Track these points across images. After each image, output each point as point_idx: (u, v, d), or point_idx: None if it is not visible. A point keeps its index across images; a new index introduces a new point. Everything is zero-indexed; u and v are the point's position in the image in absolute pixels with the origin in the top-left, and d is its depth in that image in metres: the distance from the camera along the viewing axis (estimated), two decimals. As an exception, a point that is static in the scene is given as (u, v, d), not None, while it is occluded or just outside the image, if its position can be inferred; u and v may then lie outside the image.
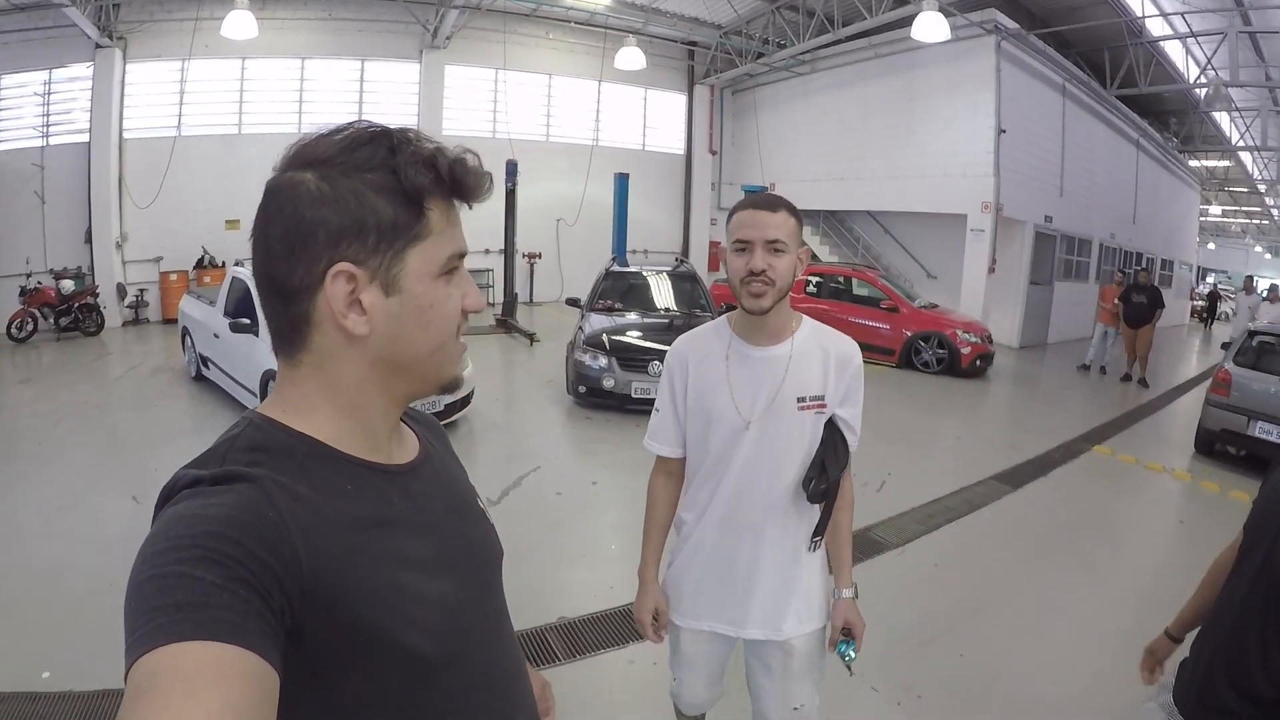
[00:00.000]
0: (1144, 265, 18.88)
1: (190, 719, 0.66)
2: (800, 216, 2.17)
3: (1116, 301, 13.55)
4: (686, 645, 2.49)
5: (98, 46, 14.59)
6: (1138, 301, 13.17)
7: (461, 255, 1.04)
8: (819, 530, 2.29)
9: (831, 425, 2.23)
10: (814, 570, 2.35)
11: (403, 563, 0.99)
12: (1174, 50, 17.78)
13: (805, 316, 2.31)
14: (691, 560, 2.39)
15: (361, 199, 0.94)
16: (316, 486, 0.93)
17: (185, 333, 10.53)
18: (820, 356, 2.21)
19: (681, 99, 22.30)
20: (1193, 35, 16.09)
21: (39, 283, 13.55)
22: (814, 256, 20.13)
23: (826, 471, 2.20)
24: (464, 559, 1.12)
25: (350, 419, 1.01)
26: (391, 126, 0.99)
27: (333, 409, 1.00)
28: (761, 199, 2.15)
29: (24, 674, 3.76)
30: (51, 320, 13.42)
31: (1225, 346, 9.94)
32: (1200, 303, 32.77)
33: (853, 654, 2.32)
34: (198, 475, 0.88)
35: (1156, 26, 16.83)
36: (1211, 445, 8.70)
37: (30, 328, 13.06)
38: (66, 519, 5.73)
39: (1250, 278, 20.84)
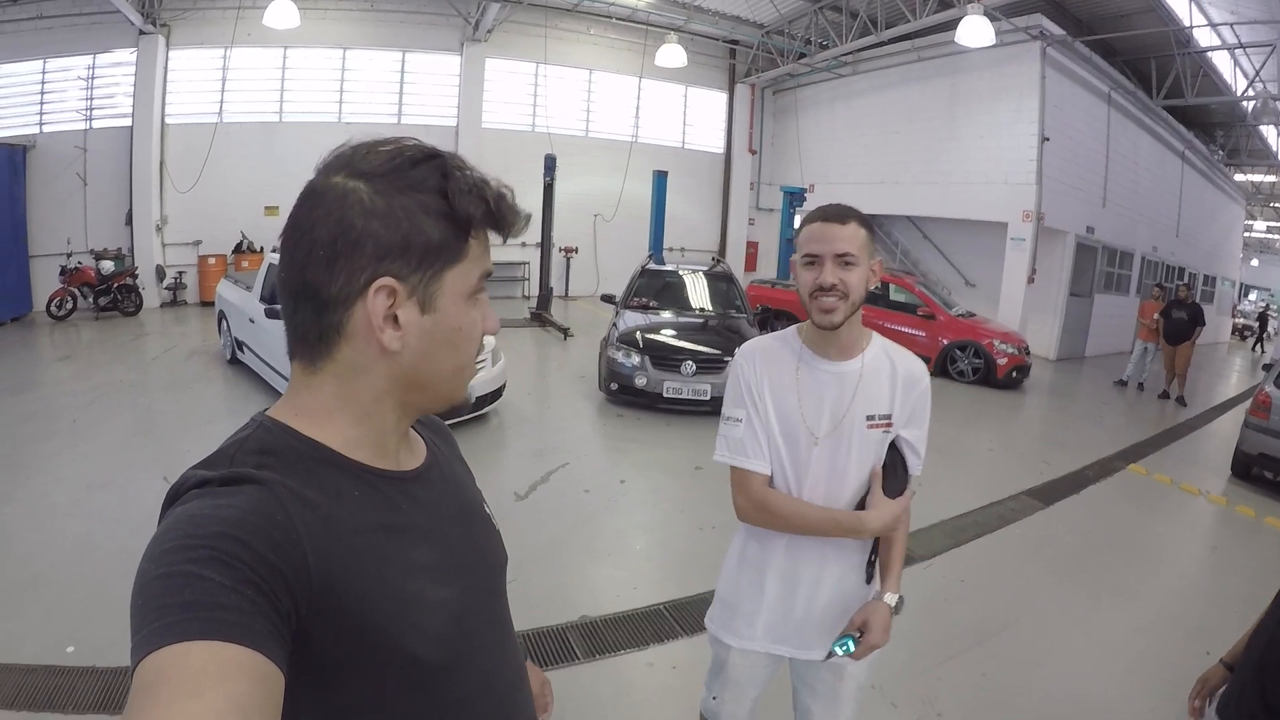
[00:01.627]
0: (1185, 281, 18.54)
1: (196, 717, 0.66)
2: (872, 227, 2.12)
3: (1156, 317, 13.30)
4: (735, 667, 2.42)
5: (141, 33, 14.80)
6: (1178, 318, 12.90)
7: (488, 275, 1.05)
8: (872, 559, 2.24)
9: (893, 449, 2.17)
10: (868, 580, 2.27)
11: (409, 569, 0.99)
12: (1222, 61, 17.49)
13: (875, 333, 2.23)
14: (753, 579, 2.31)
15: (412, 218, 0.94)
16: (324, 492, 0.93)
17: (221, 316, 10.64)
18: (889, 374, 2.15)
19: (722, 97, 22.22)
20: (1241, 46, 15.79)
21: (79, 263, 13.78)
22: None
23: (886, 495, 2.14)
24: (469, 565, 1.12)
25: (362, 427, 1.01)
26: (441, 150, 1.00)
27: (347, 418, 1.00)
28: (831, 210, 2.10)
29: (49, 648, 3.82)
30: (91, 299, 13.65)
31: (1267, 368, 9.74)
32: (1242, 320, 32.23)
33: (843, 652, 2.06)
34: (206, 476, 0.88)
35: (1204, 37, 16.51)
36: (1249, 469, 8.51)
37: (70, 306, 13.32)
38: (97, 497, 5.80)
39: None
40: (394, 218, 0.93)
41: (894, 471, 2.16)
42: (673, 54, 17.61)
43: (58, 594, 4.38)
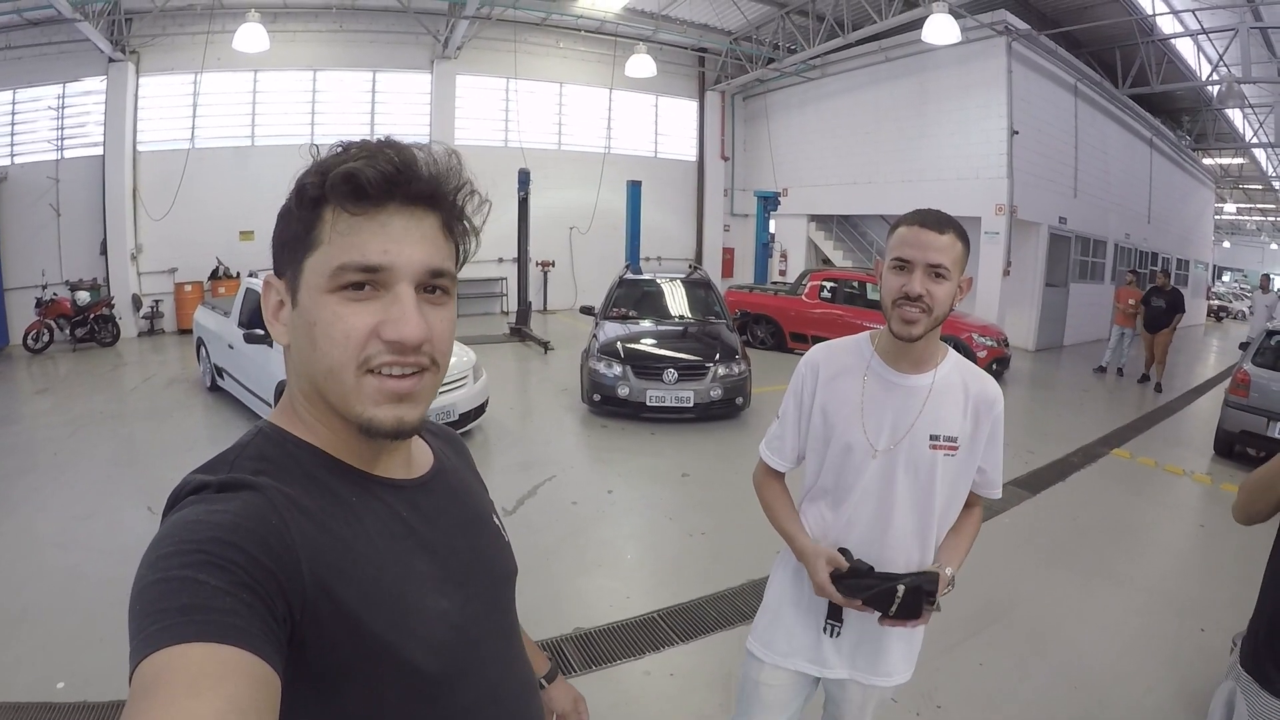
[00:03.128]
0: (1161, 268, 18.60)
1: (196, 715, 0.67)
2: (968, 240, 1.99)
3: (1133, 304, 13.43)
4: (768, 686, 2.30)
5: (111, 60, 14.71)
6: (1157, 305, 12.97)
7: (364, 268, 0.91)
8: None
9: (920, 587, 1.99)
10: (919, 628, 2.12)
11: (408, 577, 0.98)
12: (1185, 48, 17.72)
13: (950, 348, 2.12)
14: (799, 591, 2.24)
15: (288, 212, 0.96)
16: (322, 498, 0.94)
17: (200, 343, 10.56)
18: (961, 394, 2.04)
19: (693, 105, 22.31)
20: (1204, 32, 16.02)
21: (55, 294, 13.64)
22: (826, 261, 20.11)
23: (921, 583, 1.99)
24: (475, 575, 1.11)
25: (330, 430, 1.00)
26: (361, 139, 0.95)
27: (314, 419, 1.00)
28: (930, 216, 1.97)
29: (39, 684, 3.77)
30: (68, 331, 13.51)
31: (1244, 347, 9.84)
32: (1217, 302, 32.61)
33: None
34: (204, 481, 0.90)
35: (1168, 24, 16.76)
36: (1231, 447, 8.62)
37: (46, 339, 13.19)
38: (82, 529, 5.74)
39: (1266, 276, 20.68)
40: (284, 215, 0.97)
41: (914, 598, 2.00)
42: (642, 64, 17.70)
43: (47, 627, 4.34)
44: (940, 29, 13.49)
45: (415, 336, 0.93)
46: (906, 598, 1.95)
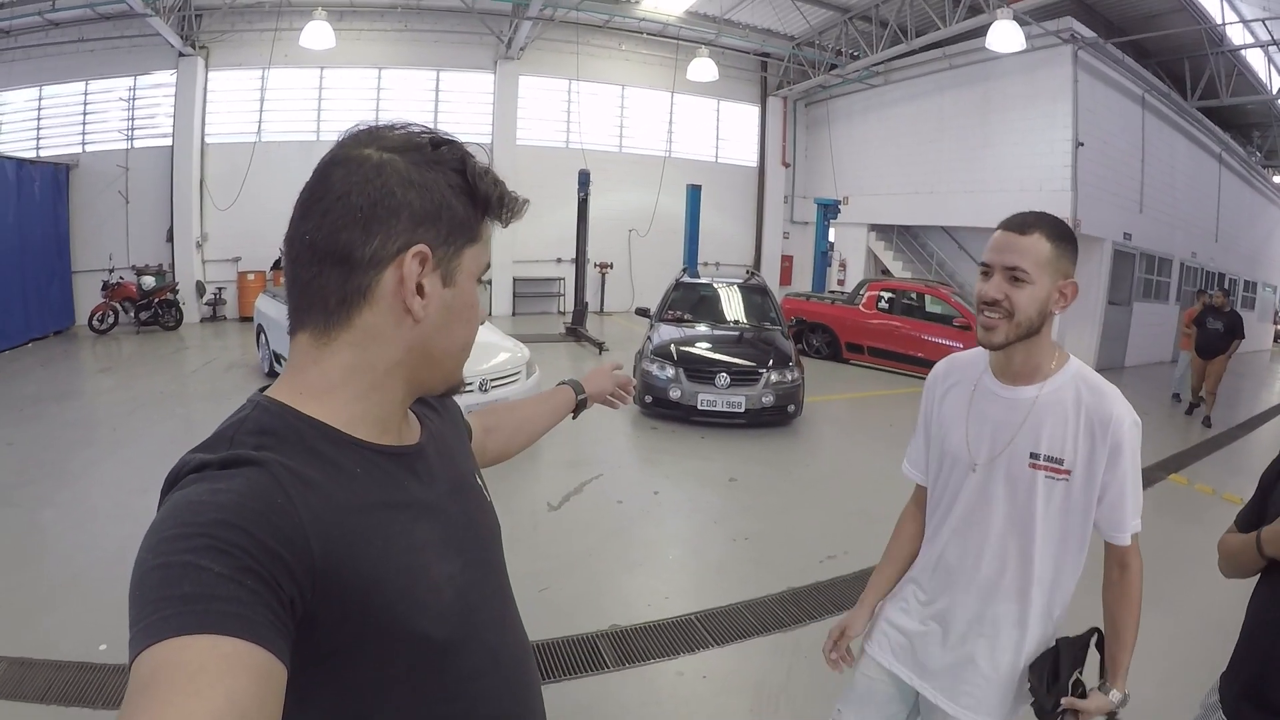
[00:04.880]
0: (1222, 286, 17.59)
1: (194, 715, 0.65)
2: (1067, 240, 1.87)
3: (1189, 326, 12.27)
4: (863, 677, 2.24)
5: (181, 55, 15.12)
6: (1213, 328, 11.55)
7: (488, 267, 1.09)
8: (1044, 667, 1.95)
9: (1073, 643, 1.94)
10: (1031, 657, 1.97)
11: (413, 546, 0.98)
12: (1256, 59, 17.22)
13: (1073, 358, 1.96)
14: (910, 596, 2.19)
15: (442, 192, 0.98)
16: (325, 471, 0.92)
17: (260, 330, 10.78)
18: (1073, 411, 1.87)
19: (754, 111, 22.22)
20: (1275, 43, 15.51)
21: (121, 278, 14.11)
22: (885, 271, 19.89)
23: (1058, 673, 1.90)
24: (469, 539, 1.11)
25: (365, 403, 1.00)
26: (446, 134, 1.03)
27: (351, 393, 0.99)
28: (1015, 218, 1.90)
29: (82, 646, 3.91)
30: (132, 314, 13.95)
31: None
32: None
33: None
34: (205, 459, 0.86)
35: (1237, 35, 16.22)
36: (1293, 477, 8.28)
37: (111, 320, 13.63)
38: (138, 502, 5.86)
39: None
40: (428, 189, 0.97)
41: (1073, 647, 1.94)
42: (704, 68, 17.68)
43: (96, 593, 4.46)
44: (1005, 36, 13.30)
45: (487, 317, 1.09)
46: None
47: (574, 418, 2.00)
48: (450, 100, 18.31)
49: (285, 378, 1.01)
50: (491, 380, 7.65)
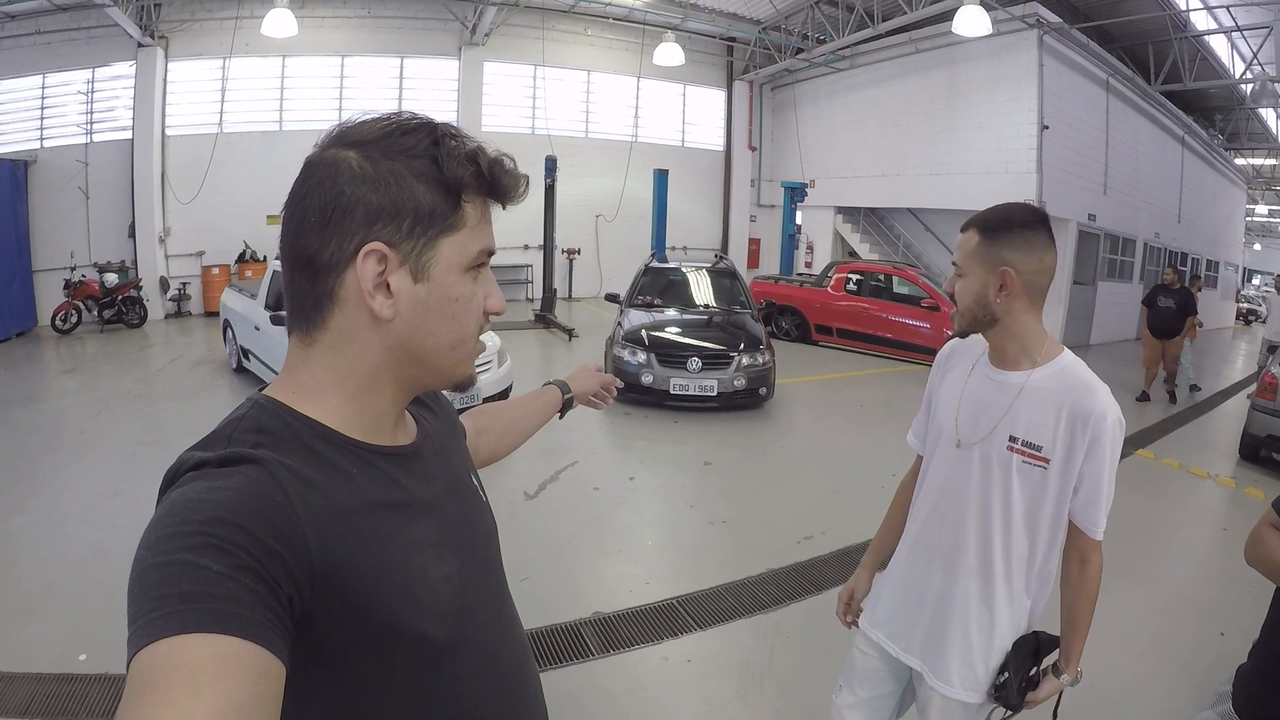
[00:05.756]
0: (1176, 264, 17.61)
1: (193, 715, 0.65)
2: (999, 230, 1.93)
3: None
4: (859, 653, 2.32)
5: (140, 45, 14.84)
6: (1164, 307, 11.24)
7: (490, 253, 1.04)
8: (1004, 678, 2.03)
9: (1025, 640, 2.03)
10: (1003, 638, 2.04)
11: (411, 546, 0.98)
12: (1219, 45, 17.49)
13: (1067, 351, 1.98)
14: (891, 568, 2.28)
15: (402, 182, 0.94)
16: (323, 470, 0.92)
17: (227, 325, 10.64)
18: (1057, 401, 1.89)
19: (721, 95, 22.26)
20: (1238, 29, 15.76)
21: (83, 276, 13.81)
22: (852, 254, 20.01)
23: (1009, 672, 1.99)
24: (465, 538, 1.11)
25: (358, 404, 1.00)
26: (435, 119, 1.00)
27: (342, 393, 0.99)
28: (970, 217, 2.00)
29: (62, 656, 3.82)
30: (95, 312, 13.67)
31: (1273, 350, 9.65)
32: (1246, 305, 32.08)
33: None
34: (203, 457, 0.86)
35: (1201, 20, 16.51)
36: (1257, 451, 8.48)
37: (74, 319, 13.37)
38: (108, 505, 5.81)
39: None
40: (383, 182, 0.93)
41: (1024, 647, 2.02)
42: (670, 53, 17.68)
43: (72, 602, 4.39)
44: (971, 21, 13.40)
45: (504, 306, 1.09)
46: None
47: (560, 418, 2.01)
48: (414, 88, 18.15)
49: (281, 377, 1.01)
50: (463, 370, 7.63)
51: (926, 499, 2.15)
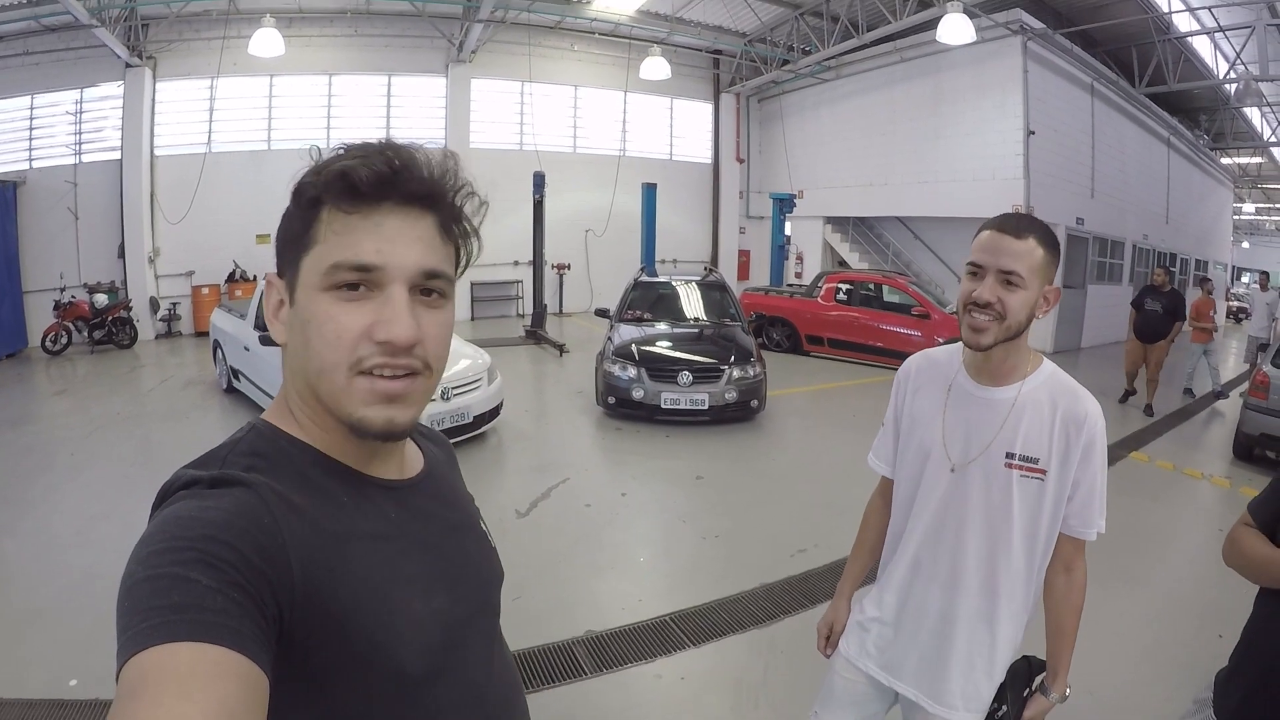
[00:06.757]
0: (1160, 264, 17.23)
1: (186, 717, 0.66)
2: (1055, 247, 1.86)
3: (1210, 317, 11.69)
4: (839, 678, 2.26)
5: (128, 66, 14.84)
6: (1151, 310, 10.83)
7: (359, 268, 0.91)
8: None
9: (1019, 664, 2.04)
10: (1004, 655, 2.05)
11: (396, 579, 0.98)
12: (1203, 46, 17.59)
13: (1047, 360, 1.97)
14: (881, 595, 2.18)
15: (289, 212, 0.97)
16: (313, 497, 0.94)
17: (216, 345, 10.62)
18: (1048, 411, 1.88)
19: (708, 108, 22.30)
20: (1221, 30, 15.88)
21: (73, 297, 13.78)
22: (842, 263, 20.06)
23: (1006, 704, 1.99)
24: (463, 577, 1.11)
25: (323, 430, 1.00)
26: (362, 140, 0.96)
27: (306, 419, 1.00)
28: (1009, 219, 1.86)
29: (52, 682, 3.80)
30: (85, 333, 13.64)
31: (1262, 348, 9.67)
32: (1236, 303, 32.20)
33: None
34: (195, 476, 0.89)
35: (1184, 22, 16.63)
36: (1250, 450, 8.51)
37: (64, 341, 13.30)
38: (99, 528, 5.78)
39: (1265, 274, 20.24)
40: (284, 218, 0.98)
41: (1018, 674, 2.02)
42: (657, 66, 17.72)
43: (61, 626, 4.37)
44: (955, 29, 13.46)
45: (406, 338, 0.92)
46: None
47: None
48: (402, 105, 18.17)
49: (275, 402, 1.04)
50: (453, 388, 7.62)
51: (919, 524, 2.07)
